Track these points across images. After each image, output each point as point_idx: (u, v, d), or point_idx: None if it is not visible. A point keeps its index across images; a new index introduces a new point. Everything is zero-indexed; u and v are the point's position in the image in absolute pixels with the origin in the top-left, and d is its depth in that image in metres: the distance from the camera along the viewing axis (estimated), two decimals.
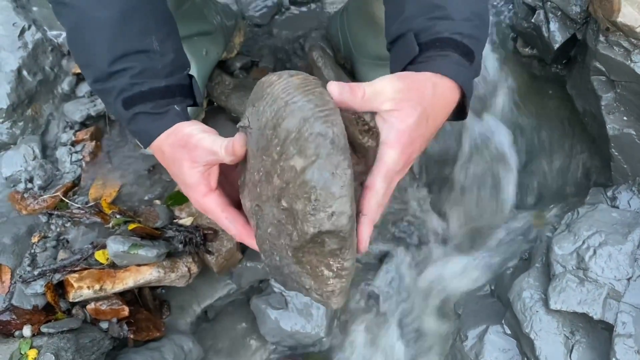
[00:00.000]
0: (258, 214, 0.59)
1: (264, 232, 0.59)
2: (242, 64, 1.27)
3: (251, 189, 0.59)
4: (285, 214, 0.54)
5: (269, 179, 0.54)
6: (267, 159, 0.54)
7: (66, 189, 1.12)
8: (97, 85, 0.70)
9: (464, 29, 0.65)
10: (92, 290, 0.98)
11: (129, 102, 0.67)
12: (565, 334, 0.93)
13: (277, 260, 0.59)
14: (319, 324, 1.13)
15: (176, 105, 0.69)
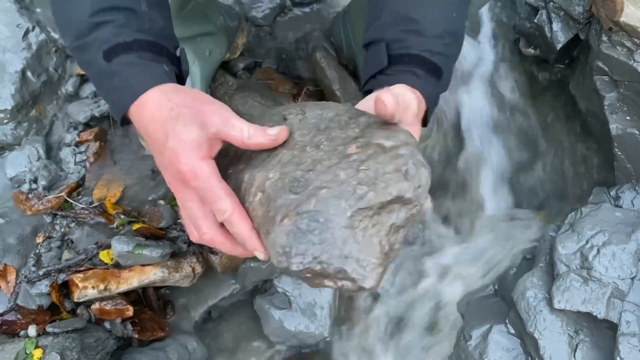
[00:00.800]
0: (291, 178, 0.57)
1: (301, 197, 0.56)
2: (245, 65, 1.27)
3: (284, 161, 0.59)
4: (356, 177, 0.55)
5: (333, 146, 0.58)
6: (336, 136, 0.59)
7: (70, 190, 1.12)
8: (77, 42, 0.63)
9: (434, 46, 0.67)
10: (96, 290, 0.98)
11: (111, 52, 0.61)
12: (570, 333, 0.93)
13: (315, 223, 0.54)
14: (322, 324, 1.13)
15: (165, 65, 0.62)
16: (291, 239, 0.54)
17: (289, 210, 0.55)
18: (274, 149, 0.60)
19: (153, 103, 0.59)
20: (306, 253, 0.54)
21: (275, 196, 0.56)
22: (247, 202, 0.58)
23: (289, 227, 0.54)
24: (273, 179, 0.57)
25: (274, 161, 0.59)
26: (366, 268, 0.54)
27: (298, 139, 0.60)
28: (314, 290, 1.14)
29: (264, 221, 0.56)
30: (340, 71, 1.21)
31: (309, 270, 0.54)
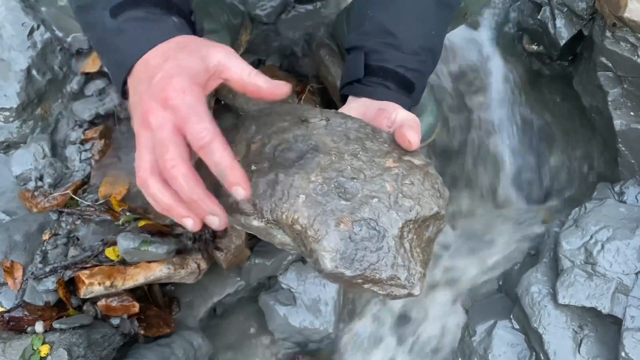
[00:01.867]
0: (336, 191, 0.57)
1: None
2: (249, 62, 1.27)
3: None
4: (401, 190, 0.58)
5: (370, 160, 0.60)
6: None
7: (76, 187, 1.13)
8: (82, 1, 0.60)
9: (409, 62, 0.71)
10: (103, 287, 0.99)
11: (118, 8, 0.57)
12: (574, 329, 0.93)
13: (373, 231, 0.56)
14: (327, 320, 1.14)
15: (175, 17, 0.59)
16: (349, 245, 0.55)
17: (343, 216, 0.56)
18: (307, 151, 0.60)
19: (157, 51, 0.54)
20: (364, 259, 0.56)
21: (324, 200, 0.57)
22: (286, 202, 0.57)
23: (346, 232, 0.55)
24: (317, 182, 0.57)
25: (312, 164, 0.59)
26: (415, 276, 0.57)
27: (331, 145, 0.60)
28: (319, 286, 1.14)
29: (311, 225, 0.56)
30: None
31: (362, 276, 0.56)
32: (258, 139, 0.62)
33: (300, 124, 0.63)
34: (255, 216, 0.59)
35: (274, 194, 0.58)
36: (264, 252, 1.14)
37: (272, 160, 0.60)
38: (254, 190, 0.58)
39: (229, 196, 0.57)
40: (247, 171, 0.58)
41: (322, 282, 1.14)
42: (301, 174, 0.58)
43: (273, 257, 1.14)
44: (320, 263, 0.56)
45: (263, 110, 0.67)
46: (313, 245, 0.56)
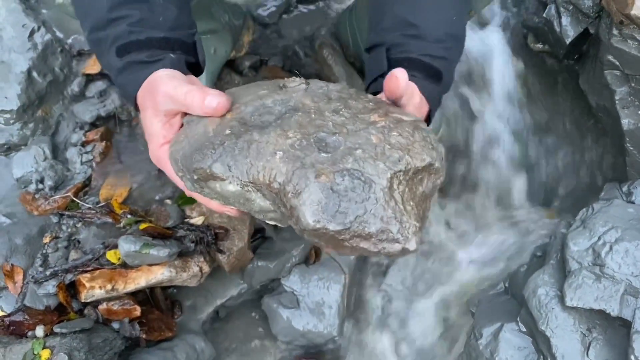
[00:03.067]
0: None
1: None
2: (251, 63, 1.27)
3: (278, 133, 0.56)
4: (388, 142, 0.55)
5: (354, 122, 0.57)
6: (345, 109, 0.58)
7: (77, 190, 1.12)
8: (94, 35, 0.66)
9: (434, 50, 0.69)
10: (104, 290, 0.98)
11: (123, 50, 0.64)
12: (582, 331, 0.92)
13: (357, 181, 0.53)
14: (331, 323, 1.12)
15: (172, 54, 0.65)
16: (332, 197, 0.51)
17: (323, 168, 0.52)
18: (284, 112, 0.57)
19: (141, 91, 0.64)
20: (348, 211, 0.51)
21: (303, 154, 0.53)
22: (262, 159, 0.54)
23: (328, 183, 0.51)
24: (295, 138, 0.54)
25: (290, 122, 0.56)
26: (409, 230, 0.53)
27: (311, 104, 0.58)
28: (322, 289, 1.13)
29: (289, 180, 0.53)
30: (348, 68, 1.20)
31: (348, 230, 0.52)
32: (235, 106, 0.60)
33: (279, 90, 0.61)
34: (231, 179, 0.56)
35: (249, 154, 0.55)
36: (266, 255, 1.13)
37: (248, 123, 0.57)
38: (228, 152, 0.55)
39: (204, 163, 0.56)
40: (221, 135, 0.56)
41: (325, 284, 1.13)
42: (278, 131, 0.55)
43: (276, 259, 1.13)
44: (301, 219, 0.52)
45: (241, 86, 0.66)
46: (292, 202, 0.53)
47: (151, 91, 0.62)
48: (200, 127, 0.59)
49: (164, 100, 0.61)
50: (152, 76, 0.63)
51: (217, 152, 0.56)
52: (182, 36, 0.68)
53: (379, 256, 0.56)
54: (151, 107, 0.62)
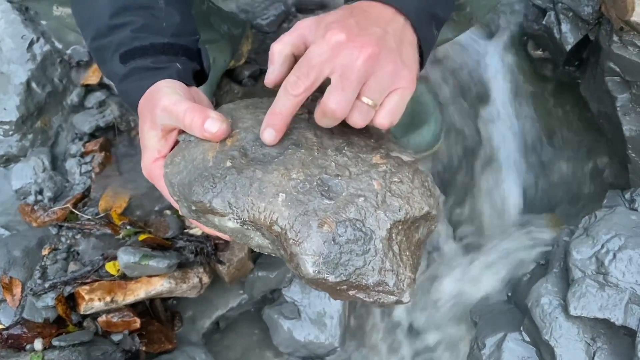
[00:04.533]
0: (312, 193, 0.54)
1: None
2: (251, 72, 1.26)
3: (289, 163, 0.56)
4: (389, 188, 0.55)
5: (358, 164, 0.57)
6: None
7: (76, 201, 1.11)
8: (96, 43, 0.65)
9: None
10: (103, 302, 0.97)
11: (127, 56, 0.63)
12: (587, 341, 0.91)
13: (359, 232, 0.53)
14: (332, 334, 1.11)
15: (179, 64, 0.64)
16: (333, 248, 0.51)
17: (326, 216, 0.52)
18: (287, 146, 0.56)
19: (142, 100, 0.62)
20: (349, 264, 0.52)
21: (306, 199, 0.53)
22: (264, 200, 0.53)
23: (330, 234, 0.51)
24: (298, 180, 0.54)
25: (293, 160, 0.55)
26: (404, 282, 0.53)
27: (314, 140, 0.57)
28: (323, 299, 1.12)
29: (291, 226, 0.52)
30: None
31: (347, 282, 0.52)
32: (235, 132, 0.58)
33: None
34: (231, 216, 0.55)
35: (251, 192, 0.54)
36: (267, 265, 1.12)
37: (249, 155, 0.56)
38: (230, 189, 0.54)
39: (204, 197, 0.55)
40: (221, 168, 0.55)
41: (326, 295, 1.12)
42: (281, 170, 0.54)
43: (276, 269, 1.12)
44: (301, 268, 0.52)
45: (240, 103, 0.64)
46: (294, 249, 0.52)
47: (151, 102, 0.60)
48: (199, 153, 0.58)
49: (162, 115, 0.59)
50: (154, 86, 0.61)
51: (217, 187, 0.55)
52: (186, 42, 0.67)
53: (373, 305, 0.57)
54: (149, 120, 0.61)
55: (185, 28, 0.67)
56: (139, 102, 0.62)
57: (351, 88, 0.53)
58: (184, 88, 0.62)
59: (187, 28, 0.68)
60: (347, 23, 0.54)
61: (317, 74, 0.53)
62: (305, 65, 0.53)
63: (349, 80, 0.52)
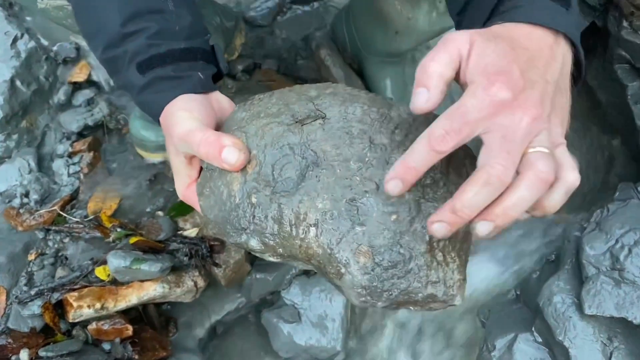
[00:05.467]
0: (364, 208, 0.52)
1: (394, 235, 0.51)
2: (245, 67, 1.22)
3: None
4: (422, 193, 0.52)
5: None
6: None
7: (64, 203, 1.06)
8: (108, 53, 0.62)
9: None
10: (92, 310, 0.92)
11: (146, 65, 0.60)
12: (603, 341, 0.86)
13: (397, 256, 0.50)
14: (334, 337, 1.07)
15: (200, 73, 0.61)
16: (373, 278, 0.50)
17: (361, 247, 0.50)
18: (306, 165, 0.53)
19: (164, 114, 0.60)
20: (392, 289, 0.51)
21: (337, 229, 0.51)
22: (297, 238, 0.52)
23: (368, 266, 0.50)
24: (324, 209, 0.51)
25: (315, 185, 0.52)
26: (453, 287, 0.51)
27: (333, 153, 0.53)
28: (324, 301, 1.07)
29: (328, 260, 0.51)
30: (346, 69, 1.15)
31: (395, 302, 0.51)
32: (253, 155, 0.55)
33: (294, 127, 0.55)
34: (269, 254, 0.55)
35: (282, 229, 0.53)
36: (265, 267, 1.08)
37: (272, 184, 0.53)
38: (260, 231, 0.53)
39: (239, 238, 0.55)
40: (248, 206, 0.54)
41: (328, 297, 1.07)
42: (305, 202, 0.52)
43: (275, 271, 1.08)
44: (348, 298, 0.52)
45: (249, 109, 0.60)
46: (336, 282, 0.52)
47: (168, 129, 0.58)
48: (223, 185, 0.56)
49: (180, 144, 0.57)
50: (170, 108, 0.59)
51: (249, 229, 0.54)
52: (201, 44, 0.64)
53: (425, 311, 0.55)
54: (172, 145, 0.59)
55: (197, 28, 0.65)
56: (161, 116, 0.60)
57: (517, 151, 0.47)
58: (201, 106, 0.59)
59: (199, 28, 0.65)
60: (512, 75, 0.47)
61: (470, 132, 0.46)
62: (458, 120, 0.46)
63: (514, 143, 0.46)
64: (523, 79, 0.47)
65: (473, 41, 0.49)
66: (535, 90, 0.48)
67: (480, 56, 0.48)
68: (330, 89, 0.59)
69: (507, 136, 0.46)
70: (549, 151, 0.47)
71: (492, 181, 0.45)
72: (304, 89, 0.60)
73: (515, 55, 0.48)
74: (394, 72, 1.22)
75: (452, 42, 0.49)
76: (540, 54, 0.50)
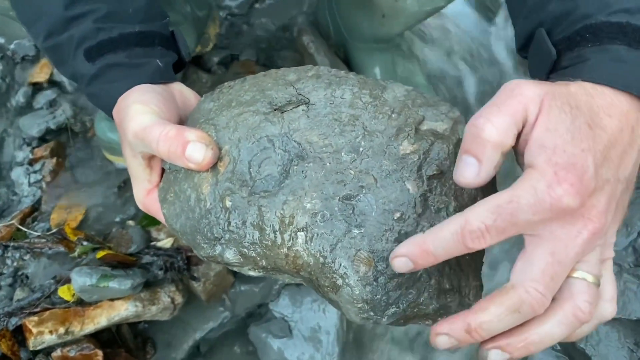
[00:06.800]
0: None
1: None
2: (221, 59, 1.12)
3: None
4: (428, 185, 0.45)
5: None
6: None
7: (23, 216, 0.96)
8: (51, 40, 0.54)
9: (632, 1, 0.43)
10: (55, 335, 0.82)
11: (95, 52, 0.52)
12: (629, 346, 0.78)
13: (398, 280, 0.44)
14: (330, 352, 0.97)
15: (158, 60, 0.54)
16: (377, 290, 0.42)
17: (359, 254, 0.42)
18: (289, 159, 0.45)
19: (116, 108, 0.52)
20: (399, 301, 0.43)
21: (330, 234, 0.42)
22: (282, 246, 0.43)
23: (369, 275, 0.42)
24: (314, 210, 0.43)
25: (302, 182, 0.44)
26: (470, 295, 0.45)
27: (320, 144, 0.45)
28: (317, 313, 0.98)
29: (321, 271, 0.43)
30: (332, 56, 1.06)
31: (403, 317, 0.44)
32: (225, 150, 0.46)
33: (273, 116, 0.47)
34: (250, 267, 0.46)
35: (264, 237, 0.44)
36: (250, 277, 0.98)
37: (249, 183, 0.45)
38: (238, 240, 0.44)
39: (212, 251, 0.46)
40: (222, 211, 0.45)
41: (321, 307, 0.98)
42: (291, 202, 0.43)
43: (261, 281, 0.98)
44: (347, 315, 0.44)
45: (218, 98, 0.51)
46: (331, 296, 0.44)
47: (121, 124, 0.50)
48: (190, 189, 0.47)
49: (136, 142, 0.48)
50: (123, 99, 0.51)
51: (224, 239, 0.45)
52: (159, 28, 0.56)
53: None
54: (127, 145, 0.50)
55: (154, 11, 0.57)
56: (114, 109, 0.52)
57: (563, 276, 0.38)
58: (161, 98, 0.51)
59: (156, 10, 0.58)
60: (585, 175, 0.37)
61: (515, 233, 0.37)
62: (506, 218, 0.37)
63: (562, 265, 0.38)
64: (595, 179, 0.37)
65: (544, 103, 0.38)
66: (604, 193, 0.38)
67: (549, 131, 0.38)
68: (313, 72, 0.51)
69: (556, 254, 0.37)
70: (594, 280, 0.39)
71: (523, 309, 0.37)
72: (281, 72, 0.51)
73: (592, 140, 0.38)
74: (383, 59, 1.13)
75: (519, 97, 0.38)
76: (619, 138, 0.39)
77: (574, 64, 0.44)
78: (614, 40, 0.42)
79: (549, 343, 0.39)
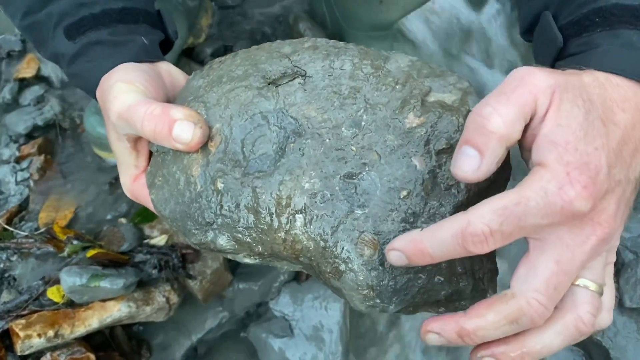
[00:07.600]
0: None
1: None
2: (214, 50, 1.08)
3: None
4: (437, 160, 0.42)
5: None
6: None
7: (10, 215, 0.92)
8: (29, 19, 0.51)
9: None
10: (44, 339, 0.77)
11: (76, 29, 0.49)
12: None
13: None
14: (333, 351, 0.94)
15: (144, 38, 0.50)
16: (383, 275, 0.39)
17: (363, 237, 0.39)
18: (286, 136, 0.42)
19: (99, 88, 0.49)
20: (408, 286, 0.40)
21: (331, 214, 0.39)
22: (279, 230, 0.40)
23: (375, 259, 0.39)
24: (313, 190, 0.40)
25: (299, 160, 0.41)
26: (483, 280, 0.42)
27: (319, 118, 0.42)
28: (319, 310, 0.94)
29: (322, 256, 0.40)
30: None
31: (412, 304, 0.41)
32: (215, 129, 0.43)
33: (267, 90, 0.43)
34: (245, 253, 0.43)
35: (259, 221, 0.41)
36: (249, 274, 0.95)
37: (242, 164, 0.42)
38: (232, 224, 0.41)
39: (204, 237, 0.42)
40: (213, 194, 0.41)
41: (322, 304, 0.94)
42: (288, 182, 0.40)
43: (260, 279, 0.94)
44: (351, 303, 0.41)
45: (208, 75, 0.48)
46: (334, 283, 0.41)
47: (104, 104, 0.47)
48: (179, 171, 0.44)
49: (120, 123, 0.45)
50: (106, 78, 0.47)
51: (216, 223, 0.42)
52: (144, 5, 0.53)
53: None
54: (111, 127, 0.47)
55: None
56: (97, 90, 0.49)
57: (566, 286, 0.36)
58: (146, 76, 0.48)
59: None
60: (598, 177, 0.34)
61: (520, 236, 0.35)
62: (512, 221, 0.34)
63: (566, 275, 0.35)
64: (608, 180, 0.35)
65: (556, 95, 0.35)
66: (614, 195, 0.35)
67: (561, 127, 0.35)
68: (309, 43, 0.47)
69: (562, 262, 0.35)
70: (597, 288, 0.37)
71: (522, 321, 0.35)
72: (276, 45, 0.48)
73: (606, 137, 0.35)
74: (381, 48, 1.09)
75: (529, 87, 0.35)
76: (631, 134, 0.37)
77: (582, 51, 0.41)
78: (625, 25, 0.40)
79: (546, 354, 0.37)
